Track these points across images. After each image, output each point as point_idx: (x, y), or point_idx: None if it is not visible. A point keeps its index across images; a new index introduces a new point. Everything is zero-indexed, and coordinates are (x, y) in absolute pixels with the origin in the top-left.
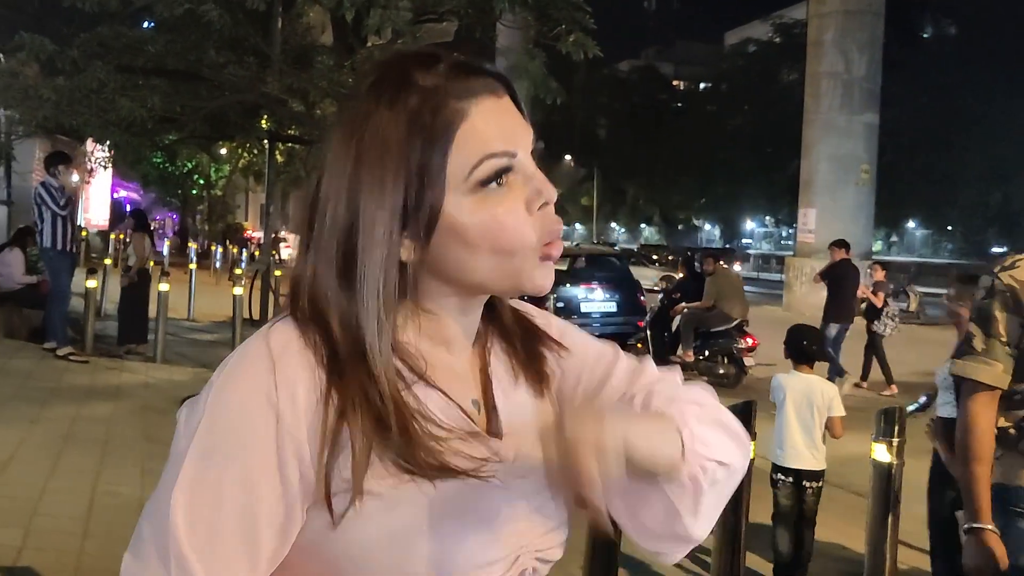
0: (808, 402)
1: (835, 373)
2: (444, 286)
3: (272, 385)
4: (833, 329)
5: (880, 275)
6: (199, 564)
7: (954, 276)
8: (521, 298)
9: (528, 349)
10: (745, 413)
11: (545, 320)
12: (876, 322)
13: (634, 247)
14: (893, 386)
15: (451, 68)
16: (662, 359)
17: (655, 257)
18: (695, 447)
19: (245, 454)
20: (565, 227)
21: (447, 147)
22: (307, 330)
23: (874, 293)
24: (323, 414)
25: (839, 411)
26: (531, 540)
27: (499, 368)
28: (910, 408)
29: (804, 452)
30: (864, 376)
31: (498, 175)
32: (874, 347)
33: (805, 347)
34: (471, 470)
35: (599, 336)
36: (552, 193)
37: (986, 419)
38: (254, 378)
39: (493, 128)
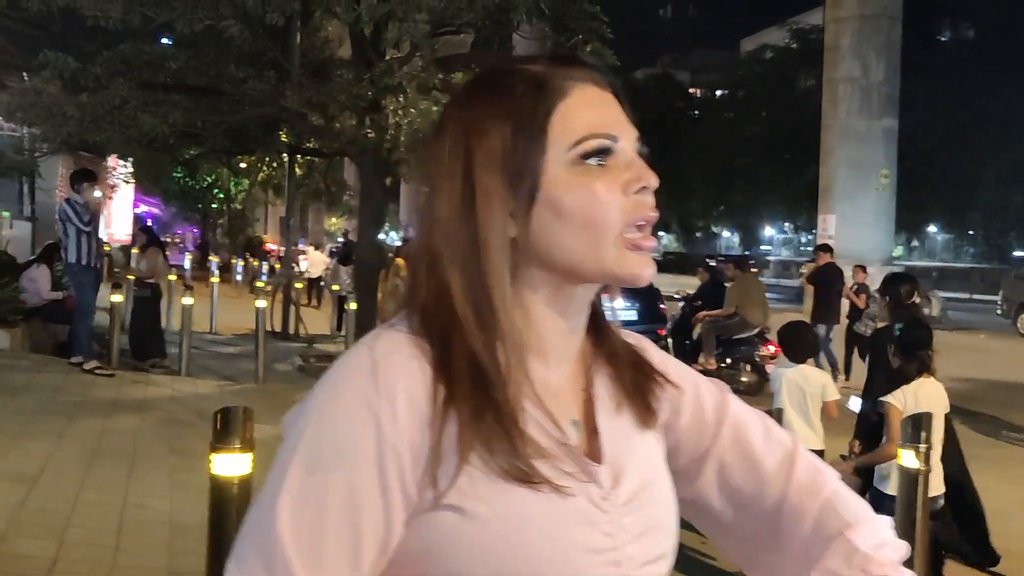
0: (800, 389)
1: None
2: (541, 273)
3: (373, 395)
4: (821, 330)
5: (861, 277)
6: (304, 573)
7: None
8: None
9: (636, 381)
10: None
11: (654, 352)
12: (858, 323)
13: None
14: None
15: (554, 59)
16: None
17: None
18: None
19: (348, 467)
20: None
21: (547, 119)
22: (416, 335)
23: (856, 295)
24: (427, 423)
25: (833, 395)
26: (629, 571)
27: (603, 392)
28: None
29: (801, 432)
30: (847, 374)
31: (599, 153)
32: (857, 346)
33: (797, 343)
34: (568, 489)
35: None
36: (652, 180)
37: None
38: (355, 388)
39: (595, 111)
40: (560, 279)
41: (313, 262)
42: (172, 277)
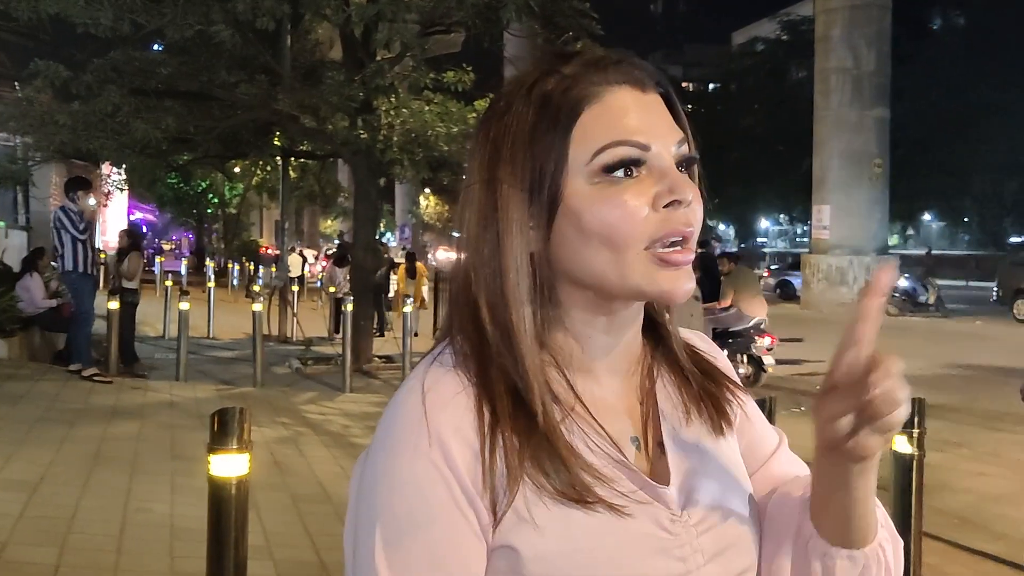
0: None
1: None
2: (575, 290)
3: (427, 448)
4: None
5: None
6: None
7: None
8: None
9: (705, 386)
10: (766, 409)
11: (723, 358)
12: None
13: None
14: None
15: (593, 58)
16: None
17: None
18: (883, 534)
19: (428, 530)
20: None
21: (570, 126)
22: (459, 364)
23: None
24: (482, 457)
25: None
26: None
27: (667, 404)
28: None
29: None
30: None
31: (626, 165)
32: None
33: None
34: (626, 509)
35: None
36: (687, 193)
37: None
38: (413, 447)
39: (627, 117)
40: (593, 296)
41: (294, 264)
42: (168, 283)
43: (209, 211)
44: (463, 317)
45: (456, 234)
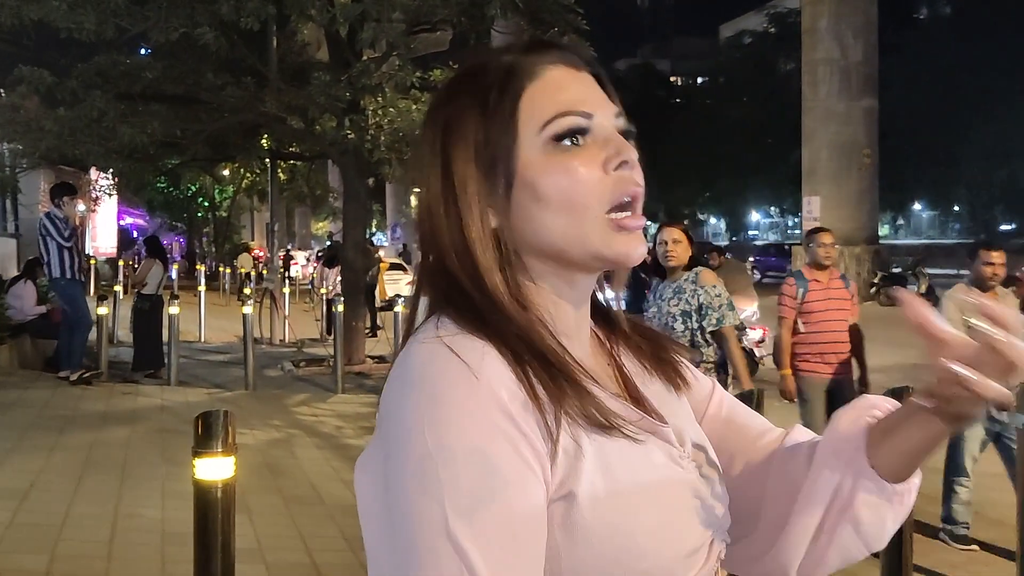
0: None
1: None
2: (538, 262)
3: (484, 404)
4: None
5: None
6: None
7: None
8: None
9: (655, 352)
10: (754, 401)
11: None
12: None
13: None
14: None
15: (529, 43)
16: None
17: None
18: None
19: (503, 494)
20: None
21: (516, 102)
22: (463, 327)
23: None
24: (531, 397)
25: None
26: (718, 522)
27: (628, 363)
28: None
29: None
30: None
31: (572, 134)
32: None
33: None
34: (638, 435)
35: None
36: (632, 153)
37: None
38: (462, 401)
39: (566, 91)
40: (556, 266)
41: (243, 263)
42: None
43: (199, 215)
44: (449, 289)
45: (420, 218)
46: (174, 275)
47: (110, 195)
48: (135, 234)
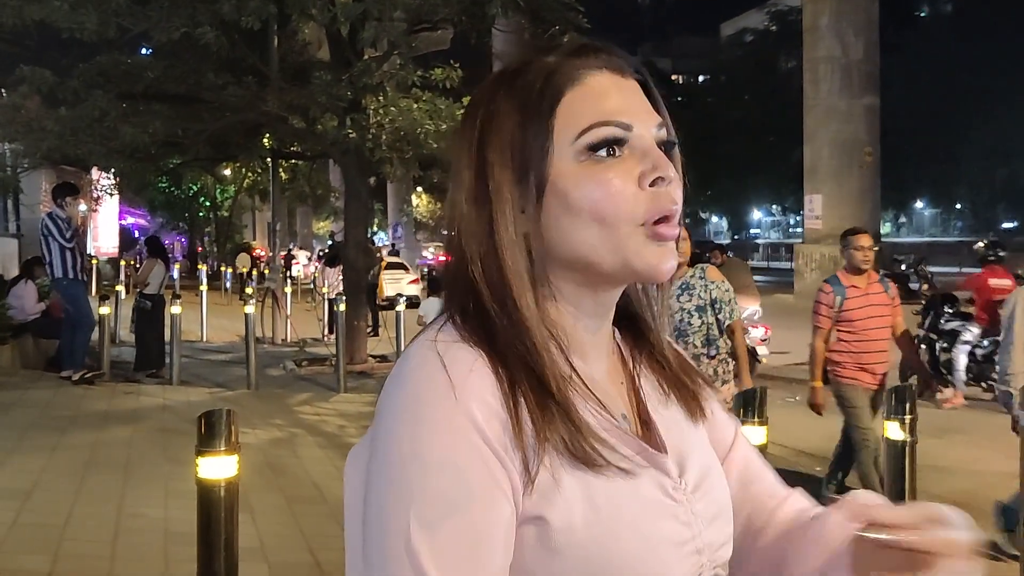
0: None
1: None
2: (563, 272)
3: (461, 418)
4: None
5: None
6: None
7: None
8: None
9: (680, 378)
10: (758, 399)
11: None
12: None
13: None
14: None
15: (574, 45)
16: None
17: None
18: None
19: (467, 508)
20: None
21: (554, 108)
22: (466, 336)
23: None
24: (511, 420)
25: None
26: (708, 558)
27: (648, 387)
28: None
29: None
30: None
31: (609, 144)
32: None
33: None
34: (632, 470)
35: None
36: (669, 171)
37: None
38: (442, 414)
39: (606, 99)
40: (581, 278)
41: (242, 262)
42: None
43: (201, 215)
44: (462, 295)
45: (448, 218)
46: (176, 275)
47: (112, 195)
48: (136, 234)
